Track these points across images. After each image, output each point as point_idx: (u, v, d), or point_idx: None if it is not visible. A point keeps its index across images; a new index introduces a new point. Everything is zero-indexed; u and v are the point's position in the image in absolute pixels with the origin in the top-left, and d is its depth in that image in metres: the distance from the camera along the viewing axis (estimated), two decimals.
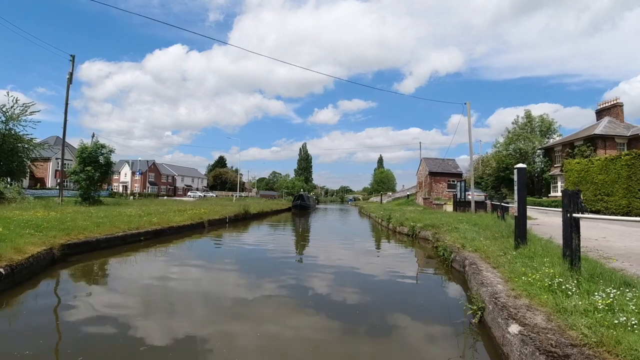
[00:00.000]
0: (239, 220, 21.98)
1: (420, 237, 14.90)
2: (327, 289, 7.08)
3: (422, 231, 14.95)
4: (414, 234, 15.33)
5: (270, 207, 33.18)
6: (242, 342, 4.38)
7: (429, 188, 39.07)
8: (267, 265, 9.31)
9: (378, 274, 8.62)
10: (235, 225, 19.96)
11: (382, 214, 25.31)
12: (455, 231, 12.15)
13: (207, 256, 10.40)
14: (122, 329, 4.56)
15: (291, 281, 7.65)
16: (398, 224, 17.38)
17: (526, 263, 6.50)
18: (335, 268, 9.12)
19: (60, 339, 4.29)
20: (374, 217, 28.62)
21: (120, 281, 7.31)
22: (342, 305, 6.09)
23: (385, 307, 6.08)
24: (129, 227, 11.62)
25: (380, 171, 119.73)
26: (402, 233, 16.66)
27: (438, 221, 15.68)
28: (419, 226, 15.32)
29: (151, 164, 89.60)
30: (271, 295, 6.51)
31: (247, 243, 13.53)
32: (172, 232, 13.54)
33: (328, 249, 12.40)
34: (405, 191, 65.03)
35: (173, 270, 8.40)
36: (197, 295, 6.36)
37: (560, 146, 39.06)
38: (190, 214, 17.28)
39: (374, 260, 10.66)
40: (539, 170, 40.45)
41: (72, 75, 23.59)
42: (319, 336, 4.70)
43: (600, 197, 25.24)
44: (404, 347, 4.50)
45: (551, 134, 43.97)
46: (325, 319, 5.37)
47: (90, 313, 5.18)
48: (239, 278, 7.89)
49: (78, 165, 23.56)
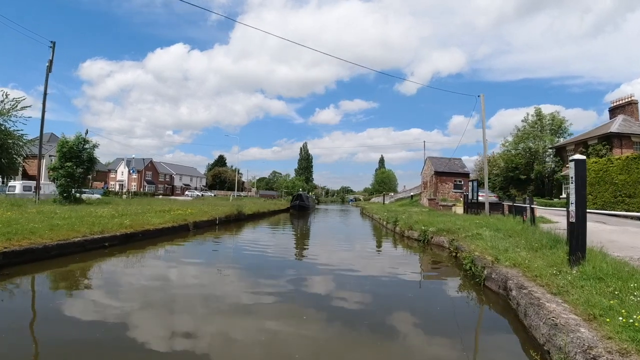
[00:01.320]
0: (231, 221, 20.13)
1: (434, 244, 13.04)
2: (335, 327, 5.22)
3: (436, 236, 13.10)
4: (425, 240, 13.48)
5: (267, 208, 31.26)
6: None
7: (435, 188, 37.17)
8: (254, 289, 7.42)
9: (393, 296, 6.76)
10: (227, 227, 18.12)
11: (386, 216, 23.45)
12: (478, 238, 10.30)
13: (175, 273, 8.13)
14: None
15: (286, 314, 5.79)
16: (406, 228, 15.51)
17: (602, 289, 4.67)
18: (341, 284, 7.30)
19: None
20: (377, 219, 26.74)
21: (43, 310, 5.46)
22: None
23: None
24: (91, 230, 9.78)
25: (381, 171, 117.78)
26: (411, 238, 14.79)
27: (452, 225, 13.83)
28: (432, 231, 13.46)
29: (148, 163, 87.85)
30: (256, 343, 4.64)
31: (234, 251, 11.63)
32: (148, 236, 11.68)
33: (329, 257, 10.56)
34: (408, 191, 63.09)
35: (122, 292, 6.54)
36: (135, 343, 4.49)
37: (573, 145, 37.21)
38: (173, 215, 15.43)
39: (385, 273, 8.79)
40: (550, 171, 38.56)
41: (51, 63, 21.76)
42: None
43: (621, 198, 23.37)
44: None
45: (562, 133, 42.04)
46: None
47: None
48: (210, 318, 5.41)
49: (58, 161, 21.76)
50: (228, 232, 16.48)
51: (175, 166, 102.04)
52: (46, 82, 21.76)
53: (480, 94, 20.84)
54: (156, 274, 7.79)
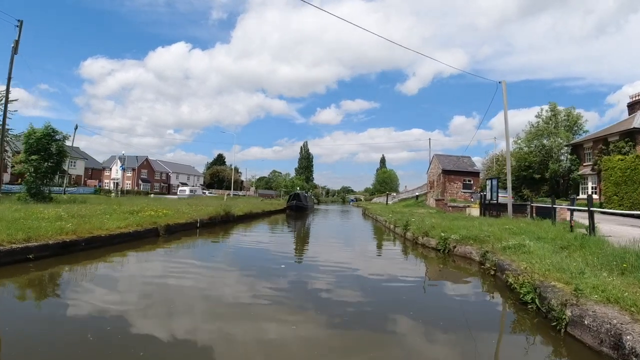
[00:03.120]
0: (217, 224, 17.63)
1: (458, 255, 10.52)
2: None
3: (460, 246, 10.58)
4: (446, 249, 10.96)
5: (261, 208, 28.64)
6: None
7: (443, 188, 34.60)
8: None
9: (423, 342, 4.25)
10: (212, 231, 15.63)
11: (392, 218, 20.95)
12: (523, 251, 7.81)
13: (100, 310, 5.06)
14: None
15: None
16: (421, 234, 12.97)
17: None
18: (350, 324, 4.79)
19: None
20: (382, 221, 24.20)
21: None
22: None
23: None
24: (11, 239, 7.29)
25: (383, 171, 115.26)
26: (427, 246, 12.27)
27: (477, 231, 11.33)
28: (454, 239, 10.95)
29: (143, 161, 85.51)
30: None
31: (204, 268, 9.06)
32: (96, 243, 9.17)
33: (330, 264, 8.07)
34: (410, 192, 60.50)
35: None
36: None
37: (591, 142, 34.72)
38: (141, 216, 12.92)
39: (405, 304, 6.28)
40: (565, 170, 36.00)
41: (17, 43, 19.33)
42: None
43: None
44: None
45: (577, 130, 39.44)
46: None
47: None
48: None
49: (24, 154, 19.35)
50: (210, 237, 13.98)
51: (172, 164, 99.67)
52: (11, 64, 19.42)
53: (502, 80, 18.38)
54: (87, 300, 5.27)
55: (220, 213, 18.08)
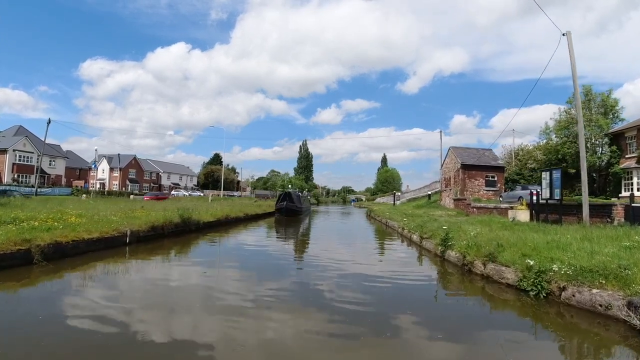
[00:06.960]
0: (166, 235, 12.36)
1: (573, 306, 5.29)
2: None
3: (573, 288, 5.34)
4: (539, 291, 5.74)
5: (244, 211, 23.11)
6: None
7: (462, 185, 29.29)
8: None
9: None
10: (154, 248, 10.45)
11: (410, 224, 15.69)
12: None
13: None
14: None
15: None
16: (481, 258, 7.69)
17: None
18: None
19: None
20: (396, 228, 18.79)
21: None
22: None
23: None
24: None
25: (385, 170, 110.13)
26: (494, 280, 7.03)
27: (585, 255, 6.12)
28: (558, 272, 5.72)
29: (131, 160, 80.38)
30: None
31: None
32: None
33: None
34: (416, 191, 55.23)
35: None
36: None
37: (635, 130, 29.53)
38: (18, 228, 7.70)
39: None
40: (604, 163, 30.74)
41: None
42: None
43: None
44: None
45: (613, 119, 34.04)
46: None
47: None
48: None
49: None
50: (135, 262, 8.76)
51: (163, 164, 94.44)
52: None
53: (567, 31, 13.18)
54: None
55: (174, 220, 12.81)
